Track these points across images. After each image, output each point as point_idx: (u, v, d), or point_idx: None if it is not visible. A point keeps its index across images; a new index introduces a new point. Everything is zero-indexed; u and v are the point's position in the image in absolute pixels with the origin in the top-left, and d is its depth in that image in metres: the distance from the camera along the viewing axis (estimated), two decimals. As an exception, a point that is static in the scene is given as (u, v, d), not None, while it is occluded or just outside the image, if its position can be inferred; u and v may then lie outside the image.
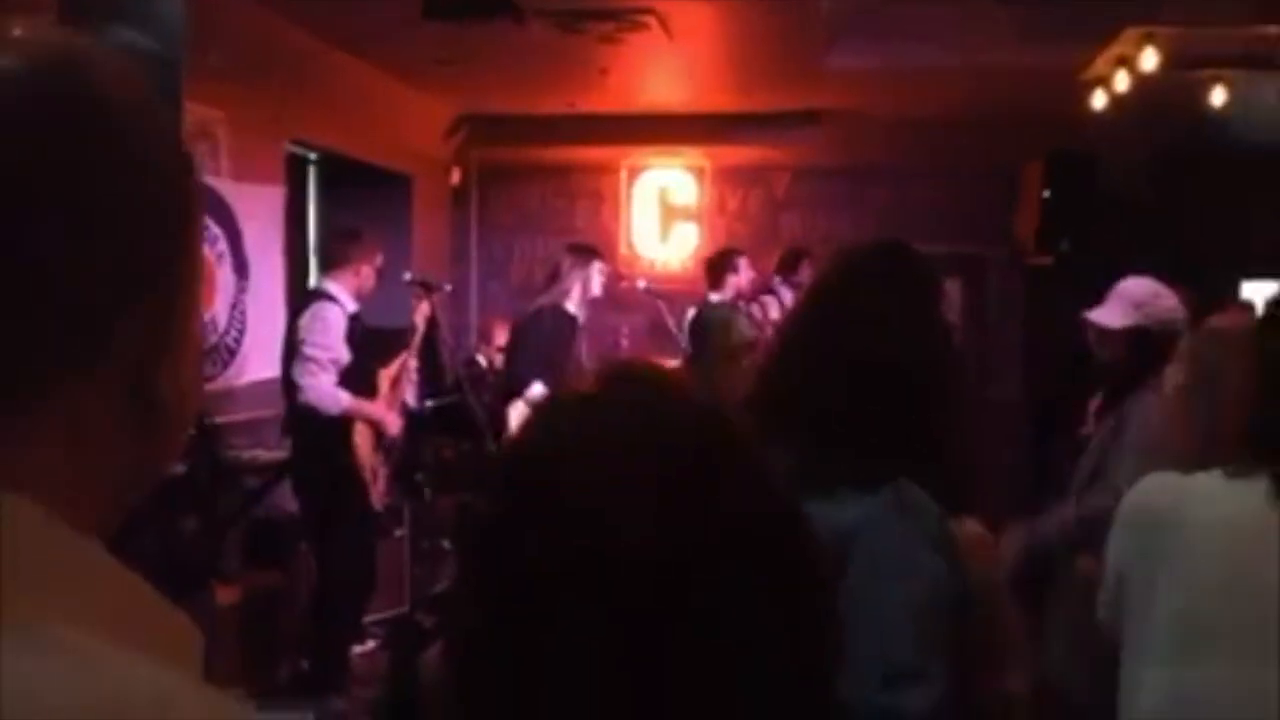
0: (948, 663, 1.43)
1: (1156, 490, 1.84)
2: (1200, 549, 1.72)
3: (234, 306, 5.56)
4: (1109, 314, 3.23)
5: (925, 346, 1.62)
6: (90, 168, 0.61)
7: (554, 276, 5.80)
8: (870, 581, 1.40)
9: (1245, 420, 1.77)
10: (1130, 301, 3.22)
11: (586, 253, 5.92)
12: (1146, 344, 3.11)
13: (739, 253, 6.75)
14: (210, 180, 5.31)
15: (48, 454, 0.60)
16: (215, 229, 5.38)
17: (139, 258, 0.63)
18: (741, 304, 6.26)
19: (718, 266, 6.61)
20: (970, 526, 1.65)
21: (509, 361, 5.84)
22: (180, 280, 0.66)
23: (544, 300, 5.71)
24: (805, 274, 6.83)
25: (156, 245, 0.64)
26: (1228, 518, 1.72)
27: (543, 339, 5.57)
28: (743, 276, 6.48)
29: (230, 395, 5.41)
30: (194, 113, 4.67)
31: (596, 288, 5.78)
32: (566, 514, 0.72)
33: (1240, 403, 1.81)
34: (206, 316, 5.34)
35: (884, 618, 1.41)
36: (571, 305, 5.66)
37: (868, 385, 1.55)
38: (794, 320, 1.78)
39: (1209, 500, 1.75)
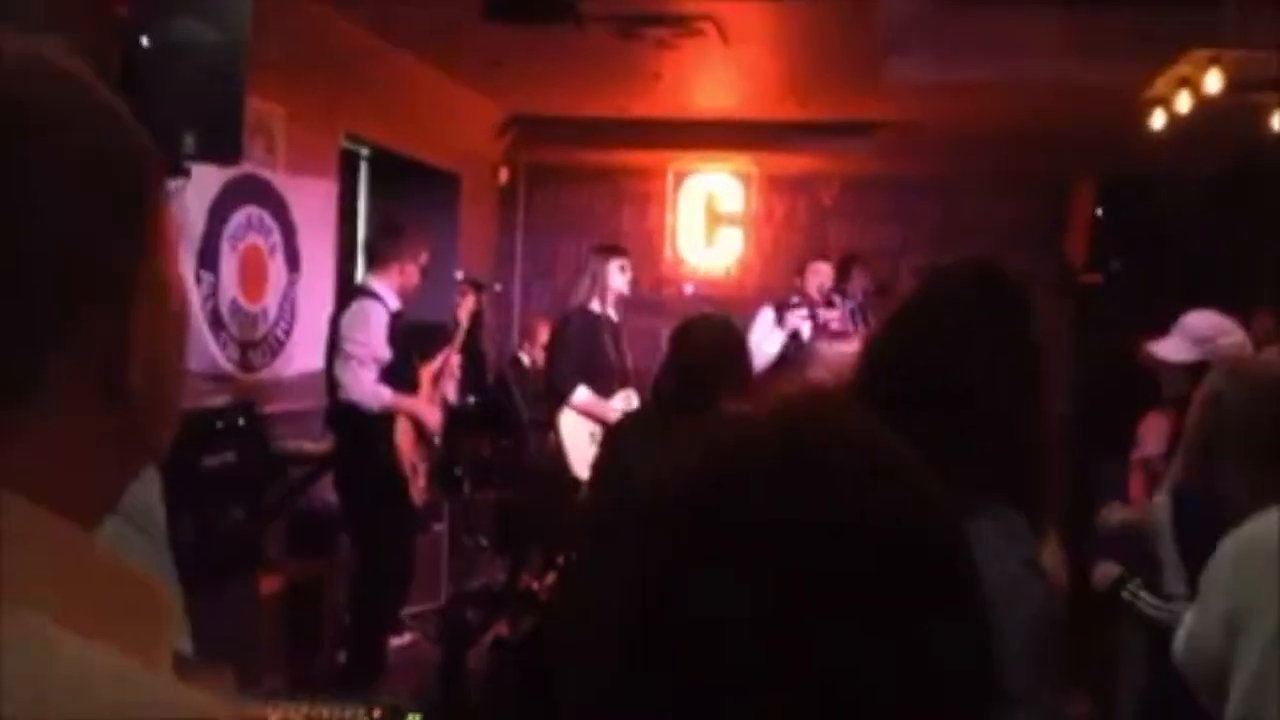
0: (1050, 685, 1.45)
1: (1268, 527, 1.81)
2: None
3: (284, 298, 5.61)
4: (1172, 348, 3.19)
5: (1015, 371, 1.60)
6: (26, 167, 0.63)
7: (577, 278, 5.76)
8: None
9: None
10: (1193, 337, 3.18)
11: (606, 251, 5.82)
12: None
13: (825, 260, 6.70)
14: (266, 173, 5.37)
15: (25, 448, 0.63)
16: (269, 221, 5.44)
17: (81, 255, 0.64)
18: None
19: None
20: (1047, 556, 1.65)
21: (548, 367, 5.83)
22: (144, 279, 0.68)
23: (572, 304, 5.69)
24: (857, 281, 6.78)
25: (107, 243, 0.66)
26: None
27: (575, 343, 5.53)
28: (809, 281, 6.45)
29: (278, 385, 5.46)
30: (253, 106, 4.72)
31: (621, 284, 5.65)
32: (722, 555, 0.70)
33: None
34: (257, 308, 5.39)
35: (1000, 643, 1.41)
36: (597, 305, 5.59)
37: (957, 409, 1.54)
38: (881, 340, 1.76)
39: None
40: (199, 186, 4.49)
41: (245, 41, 3.88)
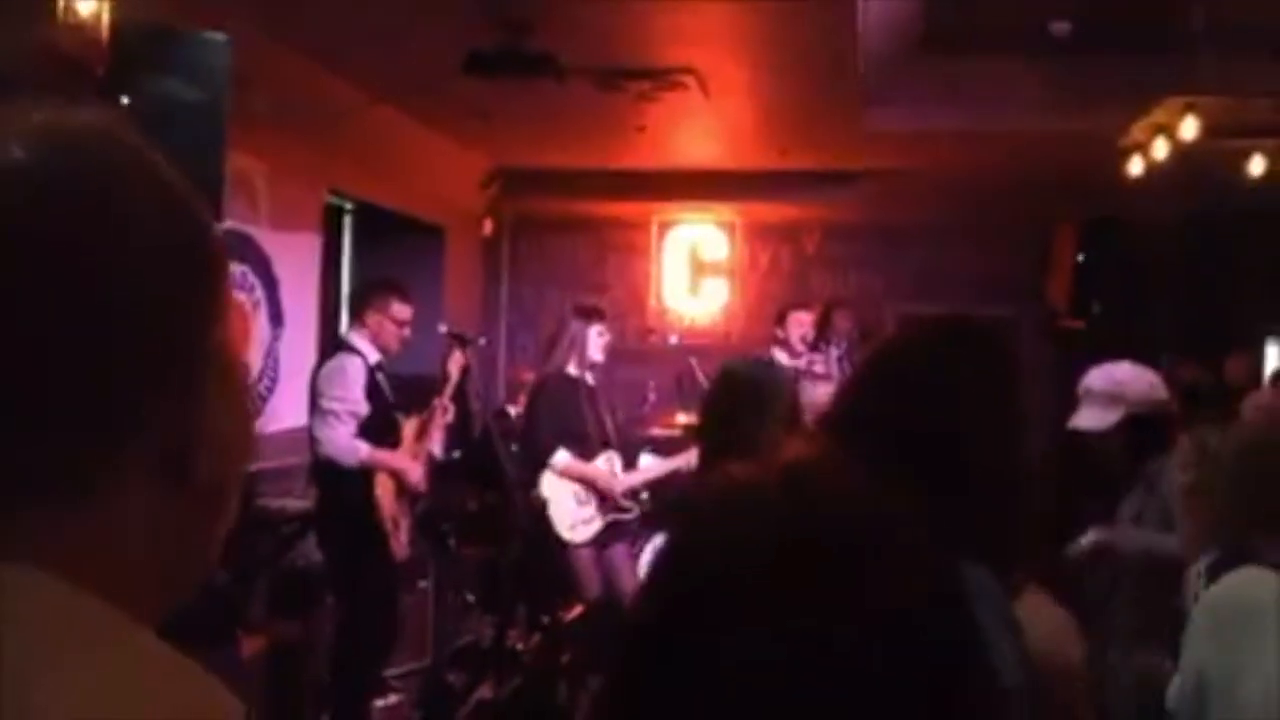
0: None
1: (1237, 586, 1.80)
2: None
3: (268, 354, 5.59)
4: (1096, 417, 3.14)
5: (991, 425, 1.57)
6: (99, 259, 0.62)
7: (554, 340, 5.59)
8: None
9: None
10: (1107, 396, 3.15)
11: (586, 314, 5.64)
12: (1141, 429, 3.09)
13: (801, 307, 6.66)
14: (249, 229, 5.36)
15: (85, 538, 0.61)
16: (252, 277, 5.42)
17: (154, 343, 0.63)
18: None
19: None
20: (1053, 610, 1.62)
21: (526, 429, 5.75)
22: (212, 361, 0.66)
23: (548, 367, 5.58)
24: (840, 326, 6.79)
25: (175, 329, 0.64)
26: None
27: (553, 407, 5.42)
28: (790, 331, 6.42)
29: (262, 442, 5.41)
30: (235, 162, 4.73)
31: (595, 351, 5.48)
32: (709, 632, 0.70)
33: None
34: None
35: None
36: (573, 369, 5.46)
37: (929, 461, 1.51)
38: (853, 389, 1.74)
39: None
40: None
41: (226, 100, 3.88)
